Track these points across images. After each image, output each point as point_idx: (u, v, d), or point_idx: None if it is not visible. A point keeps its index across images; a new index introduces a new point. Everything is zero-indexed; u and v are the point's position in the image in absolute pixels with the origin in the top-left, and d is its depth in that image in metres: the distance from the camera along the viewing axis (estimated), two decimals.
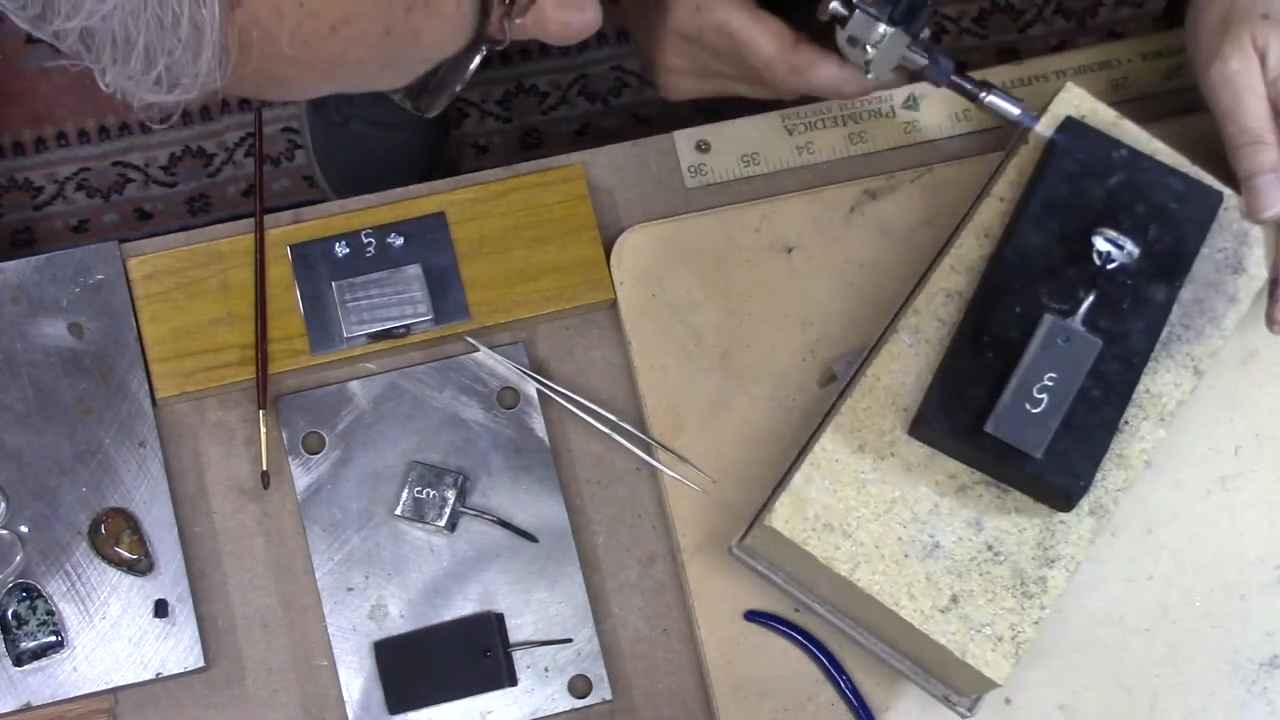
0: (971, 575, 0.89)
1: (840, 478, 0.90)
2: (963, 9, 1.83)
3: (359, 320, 0.98)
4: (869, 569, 0.89)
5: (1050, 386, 0.87)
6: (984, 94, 0.92)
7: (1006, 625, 0.89)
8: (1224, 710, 0.97)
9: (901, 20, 0.88)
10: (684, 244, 1.01)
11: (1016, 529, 0.90)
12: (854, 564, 0.89)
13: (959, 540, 0.90)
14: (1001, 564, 0.89)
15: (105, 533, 0.95)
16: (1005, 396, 0.87)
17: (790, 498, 0.90)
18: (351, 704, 0.96)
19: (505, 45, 0.73)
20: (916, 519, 0.89)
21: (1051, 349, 0.87)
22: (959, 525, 0.90)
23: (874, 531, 0.89)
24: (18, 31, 1.63)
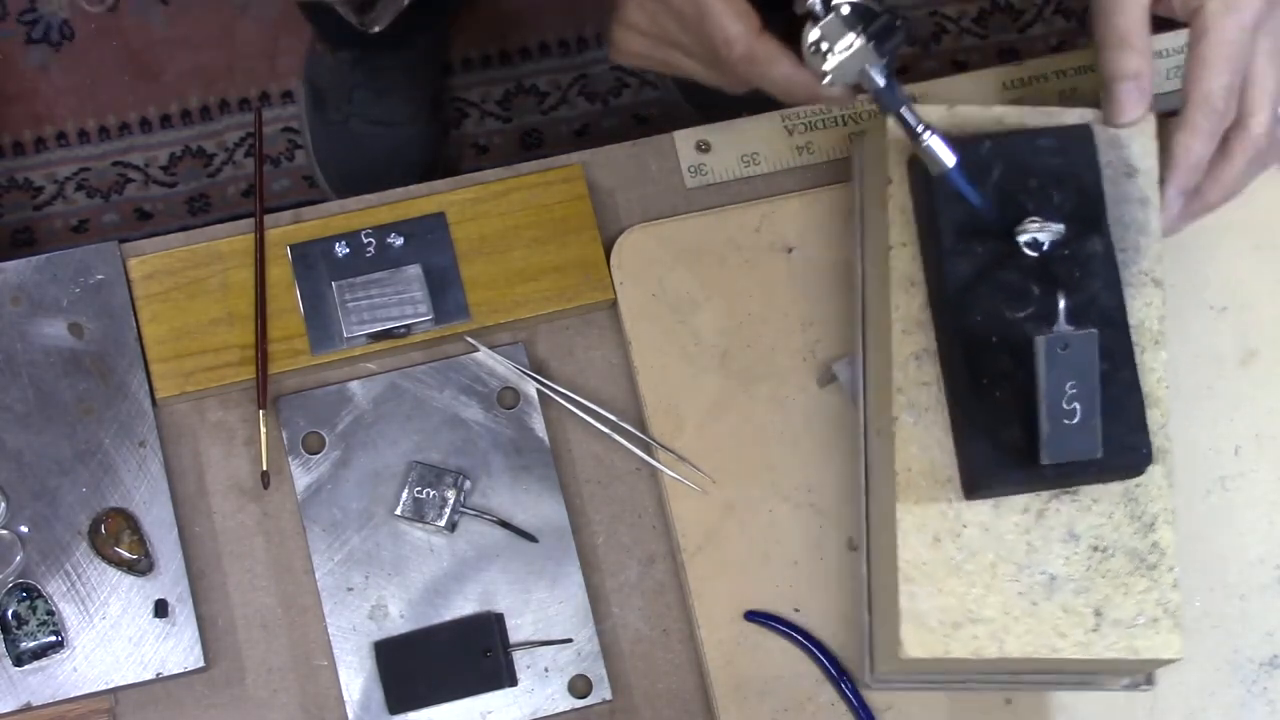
0: (1096, 582, 0.89)
1: (936, 575, 0.88)
2: (963, 9, 1.83)
3: (359, 320, 0.98)
4: (1013, 637, 0.88)
5: (1075, 393, 0.86)
6: (926, 135, 0.88)
7: (1153, 604, 0.89)
8: (1224, 710, 0.97)
9: (874, 36, 0.86)
10: (684, 244, 1.01)
11: (1106, 517, 0.89)
12: (999, 641, 0.88)
13: (1067, 560, 0.89)
14: (1113, 556, 0.89)
15: (105, 533, 0.95)
16: (1044, 426, 0.85)
17: (911, 624, 0.88)
18: (351, 704, 0.96)
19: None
20: (1021, 567, 0.89)
21: (1058, 363, 0.86)
22: (1058, 547, 0.89)
23: (995, 601, 0.88)
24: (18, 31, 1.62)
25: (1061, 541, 0.89)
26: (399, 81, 1.67)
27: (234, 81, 1.77)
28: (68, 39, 1.77)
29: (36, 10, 1.78)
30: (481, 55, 1.80)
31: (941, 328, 0.90)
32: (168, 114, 1.77)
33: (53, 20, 1.77)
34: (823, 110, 1.04)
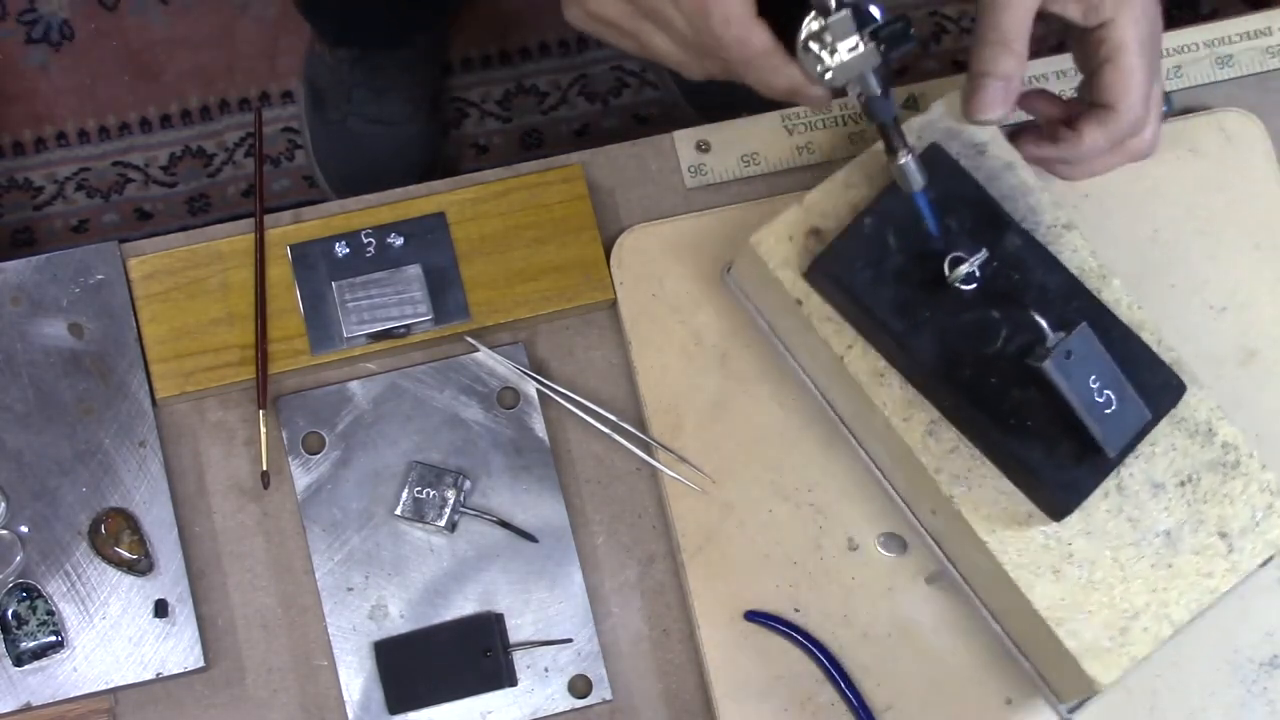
0: (1202, 510, 0.90)
1: (1078, 602, 0.89)
2: (963, 9, 1.83)
3: (359, 320, 0.98)
4: (1174, 606, 0.89)
5: (1101, 384, 0.86)
6: (905, 154, 0.87)
7: (1259, 494, 0.90)
8: (1224, 710, 0.97)
9: (884, 41, 0.85)
10: (684, 244, 1.01)
11: (1172, 450, 0.90)
12: (1164, 619, 0.88)
13: (1167, 509, 0.90)
14: (1200, 479, 0.90)
15: (105, 533, 0.95)
16: (1094, 429, 0.86)
17: (1089, 657, 0.88)
18: (351, 704, 0.96)
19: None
20: (1136, 543, 0.89)
21: (1072, 372, 0.85)
22: (1153, 504, 0.89)
23: (1138, 587, 0.89)
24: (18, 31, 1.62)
25: (1153, 498, 0.90)
26: (398, 81, 1.68)
27: (234, 81, 1.78)
28: (68, 39, 1.77)
29: (36, 10, 1.78)
30: (481, 55, 1.80)
31: (935, 396, 0.90)
32: (168, 114, 1.77)
33: (53, 20, 1.77)
34: (823, 111, 1.04)
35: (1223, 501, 0.90)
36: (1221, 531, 0.90)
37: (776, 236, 0.92)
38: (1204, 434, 0.90)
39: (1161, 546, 0.89)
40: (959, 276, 0.88)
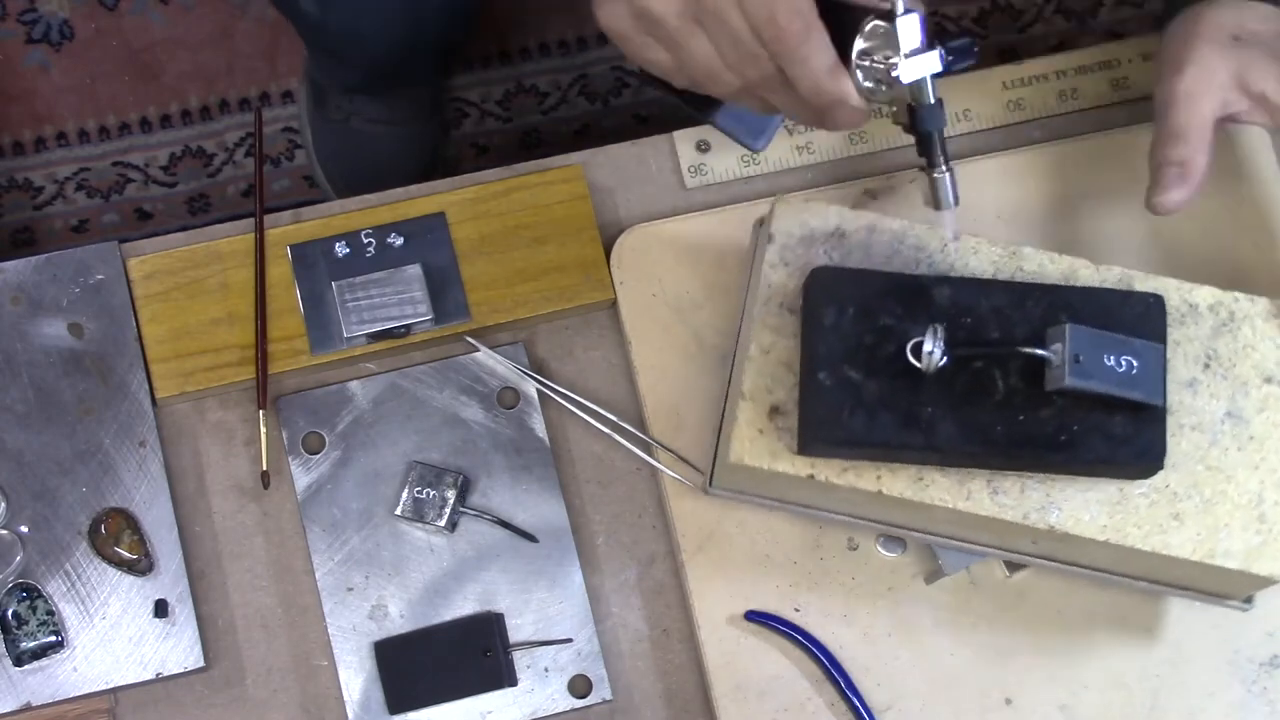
0: (1243, 372, 0.91)
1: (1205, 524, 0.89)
2: (963, 9, 1.83)
3: (359, 320, 0.98)
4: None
5: (1115, 355, 0.86)
6: (944, 168, 0.87)
7: (1268, 325, 0.92)
8: (1224, 710, 0.97)
9: (952, 51, 0.85)
10: (684, 244, 1.01)
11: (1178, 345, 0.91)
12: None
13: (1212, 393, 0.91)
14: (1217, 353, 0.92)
15: (105, 533, 0.95)
16: (1137, 398, 0.86)
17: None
18: (351, 704, 0.96)
19: None
20: (1213, 440, 0.90)
21: (1091, 369, 0.85)
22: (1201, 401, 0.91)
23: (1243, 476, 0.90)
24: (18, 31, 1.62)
25: (1194, 395, 0.91)
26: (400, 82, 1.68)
27: (234, 81, 1.78)
28: (68, 39, 1.77)
29: (36, 10, 1.78)
30: (481, 55, 1.80)
31: (980, 462, 0.89)
32: (168, 114, 1.77)
33: (53, 20, 1.77)
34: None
35: (1247, 353, 0.91)
36: (1266, 377, 0.91)
37: (748, 439, 0.89)
38: (1189, 313, 0.91)
39: (1233, 428, 0.90)
40: (933, 363, 0.86)
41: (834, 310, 0.88)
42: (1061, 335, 0.86)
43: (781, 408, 0.89)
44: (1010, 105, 1.06)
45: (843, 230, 0.92)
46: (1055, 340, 0.86)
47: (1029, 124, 1.06)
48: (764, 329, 0.90)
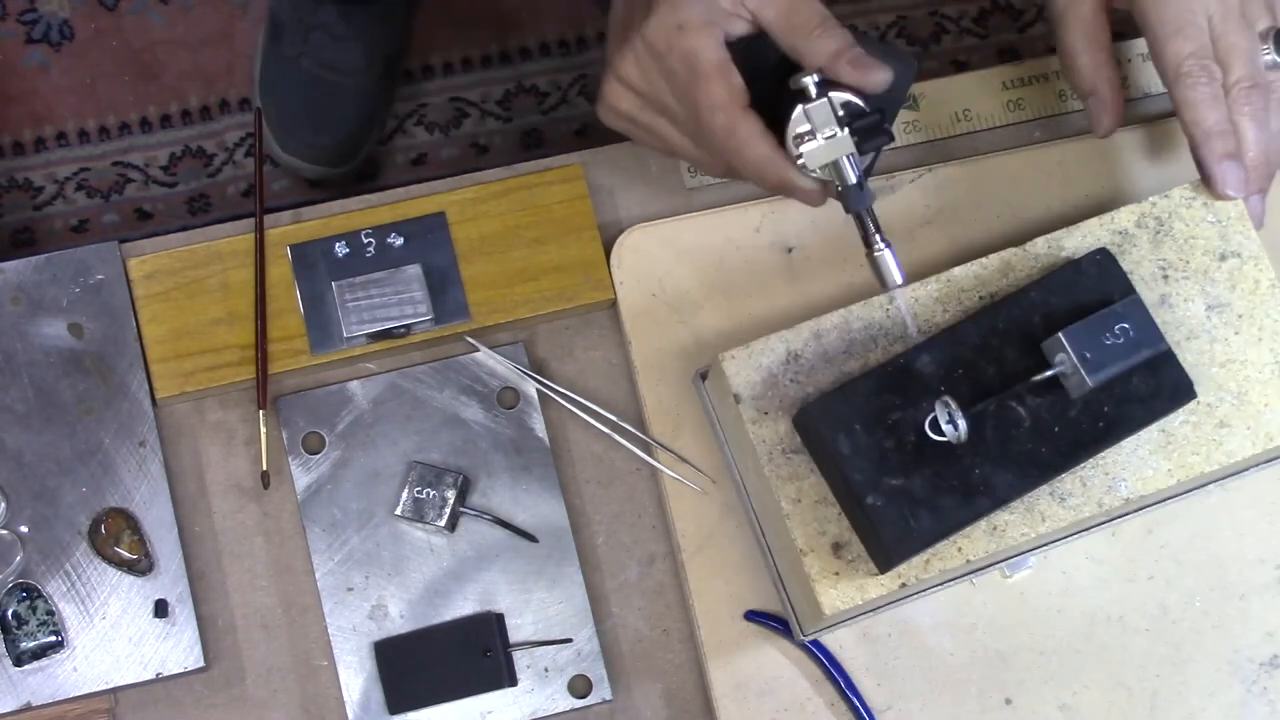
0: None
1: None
2: (963, 9, 1.83)
3: (359, 320, 0.98)
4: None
5: (1110, 331, 0.87)
6: (880, 247, 0.87)
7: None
8: (1224, 710, 0.97)
9: (859, 132, 0.86)
10: (684, 244, 1.01)
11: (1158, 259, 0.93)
12: None
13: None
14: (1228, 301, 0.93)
15: (105, 533, 0.95)
16: (1161, 349, 0.88)
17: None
18: (351, 704, 0.96)
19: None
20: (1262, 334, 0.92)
21: (1103, 358, 0.86)
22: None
23: None
24: (18, 31, 1.62)
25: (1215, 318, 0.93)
26: (359, 33, 1.68)
27: (234, 81, 1.78)
28: (68, 39, 1.77)
29: (36, 10, 1.78)
30: (481, 55, 1.80)
31: (1044, 478, 0.89)
32: (168, 114, 1.77)
33: (53, 20, 1.77)
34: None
35: (1192, 246, 0.93)
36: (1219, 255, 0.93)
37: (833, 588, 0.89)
38: (1123, 239, 0.93)
39: (1220, 317, 0.92)
40: (960, 433, 0.86)
41: (841, 436, 0.88)
42: (1060, 345, 0.86)
43: (842, 542, 0.89)
44: (1010, 105, 1.06)
45: (794, 352, 0.92)
46: (1056, 352, 0.87)
47: (1029, 124, 1.06)
48: (782, 482, 0.90)
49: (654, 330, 1.00)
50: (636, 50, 0.88)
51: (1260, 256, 0.94)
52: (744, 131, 0.87)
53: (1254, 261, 0.93)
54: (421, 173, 1.76)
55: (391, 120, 1.77)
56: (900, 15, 1.82)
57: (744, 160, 0.88)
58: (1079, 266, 0.91)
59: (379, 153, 1.76)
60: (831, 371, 0.91)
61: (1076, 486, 0.90)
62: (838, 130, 0.86)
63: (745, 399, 0.90)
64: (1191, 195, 0.94)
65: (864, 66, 0.86)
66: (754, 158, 0.88)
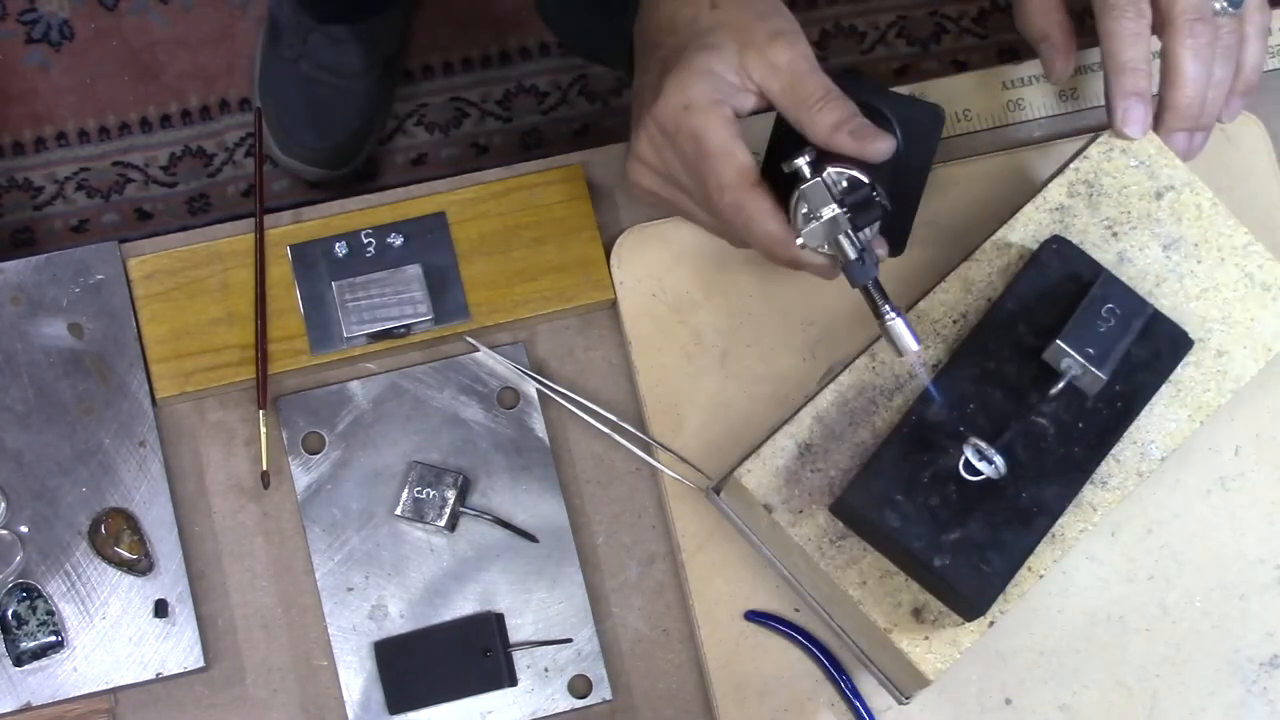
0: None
1: None
2: (963, 9, 1.83)
3: (359, 320, 0.98)
4: None
5: (1102, 314, 0.88)
6: (890, 316, 0.87)
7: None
8: (1224, 710, 0.97)
9: (852, 207, 0.86)
10: (684, 244, 1.01)
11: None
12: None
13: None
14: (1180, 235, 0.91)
15: (105, 533, 0.95)
16: (1142, 327, 0.89)
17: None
18: (351, 704, 0.96)
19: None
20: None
21: (1100, 342, 0.87)
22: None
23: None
24: (18, 31, 1.62)
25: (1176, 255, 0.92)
26: (357, 36, 1.68)
27: (234, 81, 1.78)
28: (68, 39, 1.77)
29: (36, 10, 1.78)
30: (481, 55, 1.80)
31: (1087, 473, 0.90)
32: (168, 114, 1.77)
33: (53, 20, 1.77)
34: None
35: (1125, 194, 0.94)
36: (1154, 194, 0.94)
37: (931, 652, 0.90)
38: (1063, 211, 0.94)
39: (1178, 254, 0.94)
40: (999, 467, 0.86)
41: (887, 511, 0.88)
42: (1062, 352, 0.87)
43: (920, 606, 0.90)
44: (1010, 105, 1.06)
45: (804, 443, 0.92)
46: (1060, 359, 0.87)
47: (1029, 124, 1.06)
48: (842, 570, 0.90)
49: (654, 330, 1.00)
50: (649, 130, 0.90)
51: (1193, 181, 0.94)
52: (751, 210, 0.88)
53: (1189, 189, 0.94)
54: (421, 173, 1.76)
55: (391, 120, 1.77)
56: (900, 15, 1.82)
57: (753, 238, 0.89)
58: (1039, 261, 0.91)
59: (379, 153, 1.76)
60: (846, 448, 0.92)
61: (1113, 468, 0.91)
62: (832, 209, 0.86)
63: (777, 506, 0.91)
64: (1107, 147, 0.94)
65: (863, 137, 0.86)
66: (762, 236, 0.89)
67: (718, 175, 0.88)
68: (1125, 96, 0.92)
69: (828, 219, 0.87)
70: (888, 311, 0.87)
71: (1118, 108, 0.92)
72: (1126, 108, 0.92)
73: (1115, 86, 0.92)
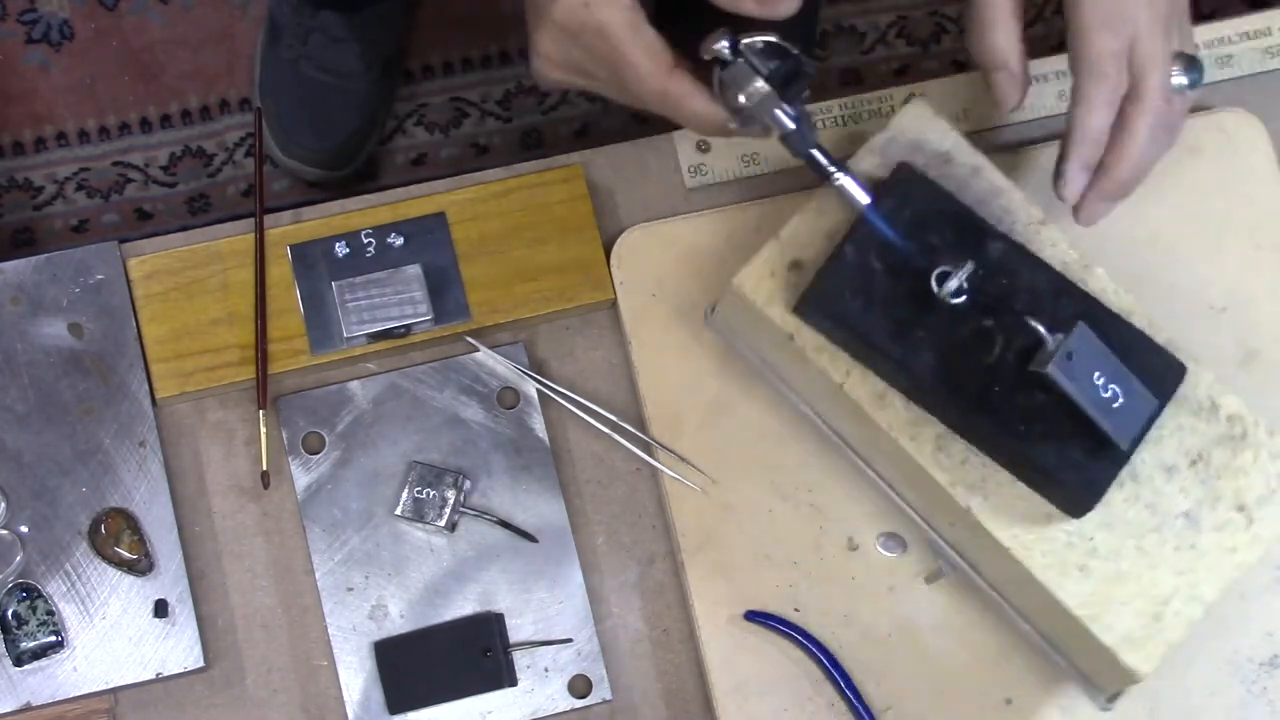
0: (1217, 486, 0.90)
1: (1108, 594, 0.89)
2: (963, 9, 1.83)
3: (359, 320, 0.98)
4: (1203, 585, 0.89)
5: (1106, 378, 0.86)
6: (839, 175, 0.88)
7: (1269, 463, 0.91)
8: (1224, 710, 0.97)
9: (779, 83, 0.85)
10: (684, 244, 1.01)
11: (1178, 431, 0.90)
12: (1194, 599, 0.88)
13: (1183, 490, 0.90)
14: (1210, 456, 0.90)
15: (105, 533, 0.95)
16: (1104, 425, 0.86)
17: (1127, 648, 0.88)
18: (351, 704, 0.96)
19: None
20: (1158, 528, 0.89)
21: (1076, 372, 0.85)
22: (1168, 488, 0.90)
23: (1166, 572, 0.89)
24: (18, 31, 1.62)
25: (1167, 481, 0.90)
26: (357, 36, 1.68)
27: (234, 81, 1.78)
28: (68, 39, 1.77)
29: (36, 10, 1.78)
30: (481, 55, 1.80)
31: (940, 411, 0.90)
32: (168, 114, 1.77)
33: (53, 20, 1.77)
34: (823, 110, 1.04)
35: (1236, 475, 0.90)
36: (1239, 505, 0.90)
37: (758, 275, 0.91)
38: (1208, 410, 0.90)
39: (1183, 528, 0.89)
40: (948, 291, 0.87)
41: (894, 202, 0.89)
42: (1080, 334, 0.86)
43: (802, 265, 0.90)
44: None
45: (950, 157, 0.93)
46: (1064, 331, 0.86)
47: (1029, 124, 1.06)
48: (831, 195, 0.90)
49: (654, 330, 1.00)
50: (550, 31, 0.88)
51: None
52: (675, 93, 0.87)
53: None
54: (421, 173, 1.76)
55: (391, 120, 1.77)
56: (900, 15, 1.82)
57: (683, 118, 0.88)
58: (1156, 350, 0.89)
59: (379, 153, 1.76)
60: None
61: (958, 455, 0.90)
62: (760, 85, 0.85)
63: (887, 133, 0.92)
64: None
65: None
66: (691, 117, 0.88)
67: (634, 67, 0.86)
68: (1080, 167, 0.91)
69: (759, 99, 0.85)
70: (835, 171, 0.88)
71: (1067, 172, 0.91)
72: (1072, 176, 0.91)
73: (1075, 152, 0.91)
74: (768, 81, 0.85)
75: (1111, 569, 0.89)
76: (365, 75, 1.69)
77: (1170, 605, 0.88)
